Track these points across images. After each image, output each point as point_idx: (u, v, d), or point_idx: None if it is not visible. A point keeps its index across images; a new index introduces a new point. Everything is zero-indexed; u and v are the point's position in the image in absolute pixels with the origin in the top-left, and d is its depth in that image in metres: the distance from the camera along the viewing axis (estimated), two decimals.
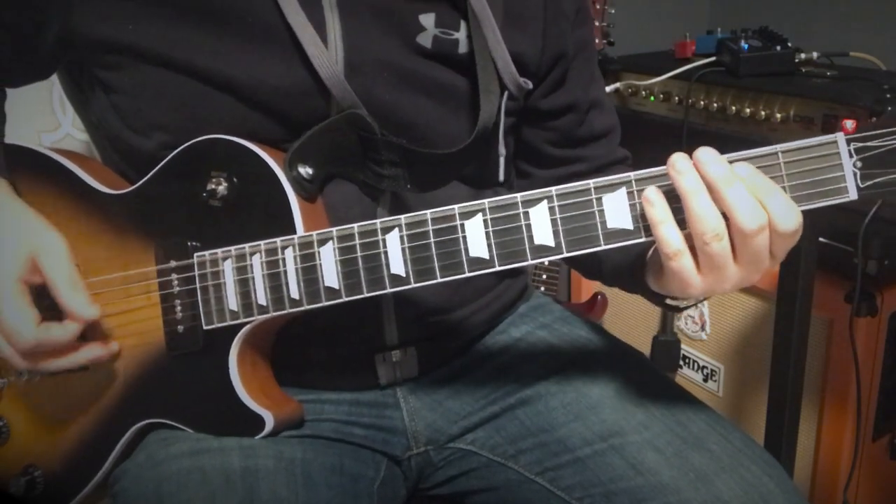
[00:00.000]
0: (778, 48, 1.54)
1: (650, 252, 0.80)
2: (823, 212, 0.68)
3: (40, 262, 0.77)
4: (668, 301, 0.83)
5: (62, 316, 0.78)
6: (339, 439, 0.89)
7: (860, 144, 0.66)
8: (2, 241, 0.76)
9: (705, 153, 0.66)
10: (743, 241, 0.66)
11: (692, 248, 0.68)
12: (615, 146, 1.02)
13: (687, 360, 1.67)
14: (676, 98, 1.64)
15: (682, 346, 1.62)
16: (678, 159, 0.67)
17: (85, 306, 0.77)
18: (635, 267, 0.82)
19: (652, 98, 1.69)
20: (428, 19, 0.83)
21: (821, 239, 1.32)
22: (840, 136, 0.66)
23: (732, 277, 0.69)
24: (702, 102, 1.57)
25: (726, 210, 0.65)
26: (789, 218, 0.66)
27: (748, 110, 1.49)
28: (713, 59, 1.61)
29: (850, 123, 1.34)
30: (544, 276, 1.74)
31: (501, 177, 0.92)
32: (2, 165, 0.83)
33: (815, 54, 1.55)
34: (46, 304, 0.78)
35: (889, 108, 1.28)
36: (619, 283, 0.92)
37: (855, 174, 0.66)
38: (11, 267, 0.76)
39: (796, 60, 1.54)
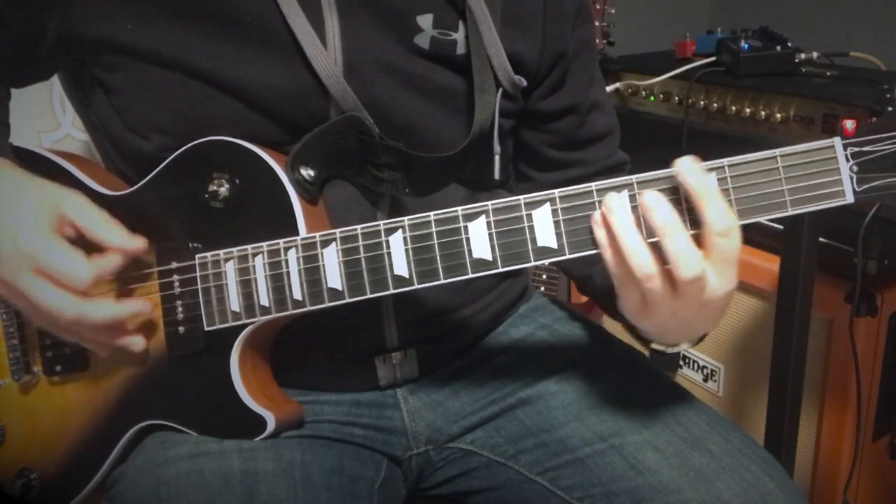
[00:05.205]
0: (778, 48, 1.54)
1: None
2: (824, 212, 0.69)
3: (68, 213, 0.76)
4: (654, 346, 0.84)
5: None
6: (339, 440, 0.89)
7: (857, 149, 0.67)
8: (24, 206, 0.76)
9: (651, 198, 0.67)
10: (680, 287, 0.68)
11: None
12: (615, 148, 1.02)
13: (687, 360, 1.67)
14: (676, 98, 1.64)
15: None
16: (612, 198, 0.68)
17: (127, 236, 0.76)
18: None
19: (652, 98, 1.69)
20: (426, 20, 0.83)
21: (821, 239, 1.32)
22: (837, 141, 0.67)
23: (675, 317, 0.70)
24: (702, 102, 1.57)
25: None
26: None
27: (748, 110, 1.49)
28: (713, 59, 1.61)
29: (849, 123, 1.34)
30: (544, 277, 1.74)
31: (497, 174, 0.90)
32: (8, 147, 0.83)
33: (815, 54, 1.55)
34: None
35: (889, 109, 1.28)
36: (606, 309, 0.92)
37: (851, 178, 0.67)
38: (42, 223, 0.75)
39: (796, 60, 1.54)
